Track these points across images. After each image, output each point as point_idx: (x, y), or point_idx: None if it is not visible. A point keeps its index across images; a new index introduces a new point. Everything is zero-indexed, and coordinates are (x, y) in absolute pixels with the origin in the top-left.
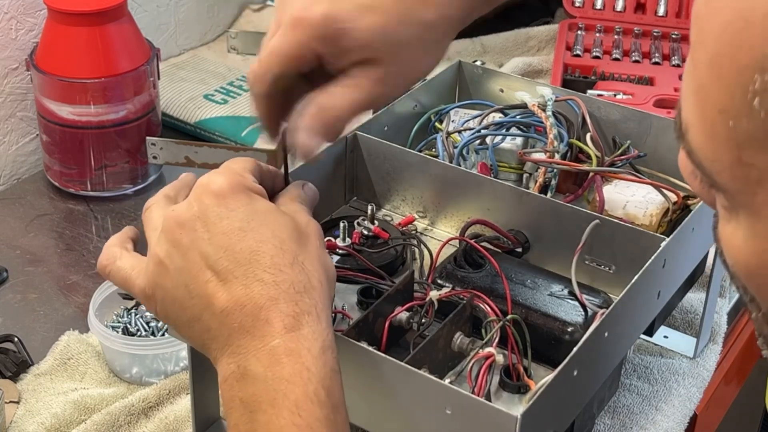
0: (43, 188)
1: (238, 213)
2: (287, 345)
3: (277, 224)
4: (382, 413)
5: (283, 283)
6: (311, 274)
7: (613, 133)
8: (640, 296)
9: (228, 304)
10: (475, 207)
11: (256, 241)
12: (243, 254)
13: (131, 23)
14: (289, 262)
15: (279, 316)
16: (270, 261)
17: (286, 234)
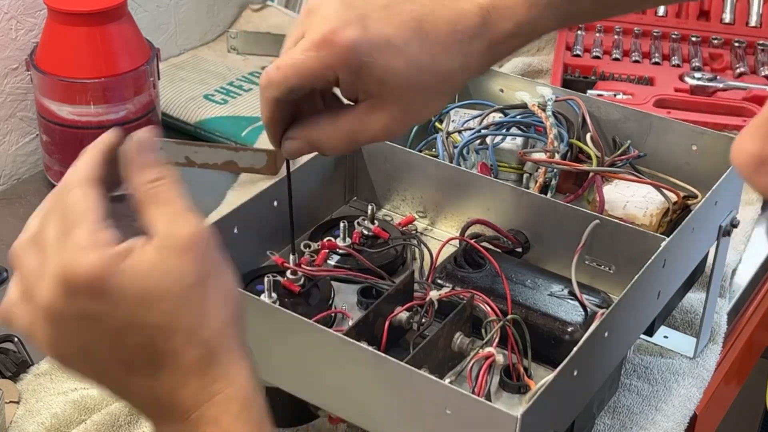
0: (43, 188)
1: (119, 306)
2: (206, 414)
3: (166, 295)
4: (382, 413)
5: (184, 366)
6: (212, 332)
7: (613, 133)
8: (640, 296)
9: (138, 402)
10: (475, 207)
11: (147, 335)
12: (136, 353)
13: (131, 23)
14: (184, 341)
15: (189, 395)
16: (166, 346)
17: (177, 303)
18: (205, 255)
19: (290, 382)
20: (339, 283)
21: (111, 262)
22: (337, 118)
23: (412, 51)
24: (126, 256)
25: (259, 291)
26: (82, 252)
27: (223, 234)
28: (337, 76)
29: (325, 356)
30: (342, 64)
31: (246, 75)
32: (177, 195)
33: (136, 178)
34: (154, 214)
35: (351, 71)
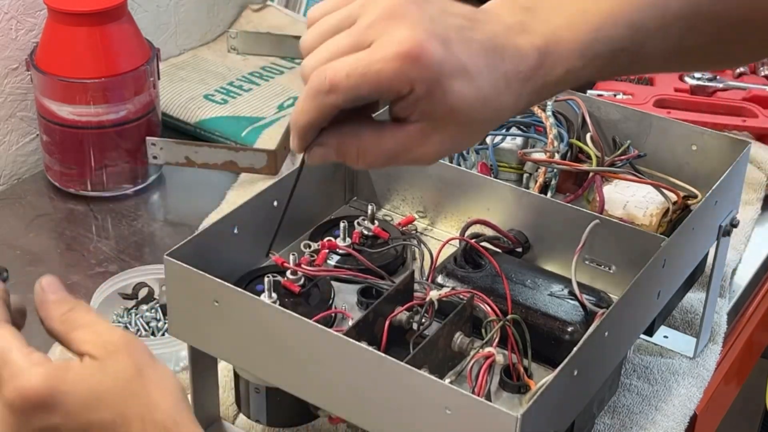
0: (43, 188)
1: (73, 413)
2: None
3: (111, 391)
4: (382, 413)
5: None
6: (164, 414)
7: (613, 133)
8: (640, 296)
9: None
10: (475, 207)
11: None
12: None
13: (131, 23)
14: (140, 428)
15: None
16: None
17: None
18: (137, 351)
19: (290, 382)
20: (339, 283)
21: (56, 374)
22: (382, 133)
23: (482, 83)
24: (67, 369)
25: (259, 291)
26: (27, 372)
27: (223, 234)
28: (411, 91)
29: (325, 356)
30: (422, 82)
31: (246, 75)
32: (95, 317)
33: (53, 312)
34: (79, 335)
35: (428, 90)
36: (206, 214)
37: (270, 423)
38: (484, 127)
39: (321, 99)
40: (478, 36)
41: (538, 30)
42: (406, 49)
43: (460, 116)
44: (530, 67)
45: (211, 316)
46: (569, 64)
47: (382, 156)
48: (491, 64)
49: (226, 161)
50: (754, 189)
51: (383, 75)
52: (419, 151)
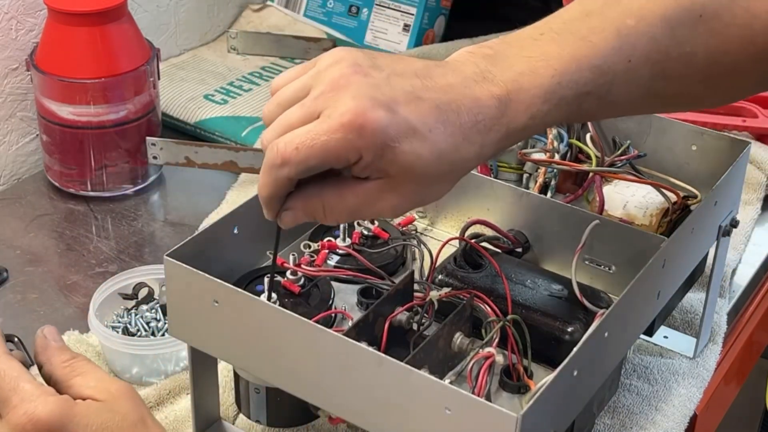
0: (43, 188)
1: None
2: None
3: None
4: (382, 413)
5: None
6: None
7: (613, 133)
8: (640, 296)
9: None
10: (475, 207)
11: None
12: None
13: (131, 23)
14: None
15: None
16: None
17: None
18: (138, 399)
19: (290, 382)
20: (339, 283)
21: (67, 405)
22: (343, 191)
23: (435, 139)
24: (76, 403)
25: (259, 291)
26: (38, 399)
27: (223, 234)
28: (360, 158)
29: (325, 356)
30: (369, 149)
31: (246, 75)
32: (96, 366)
33: (56, 358)
34: (82, 381)
35: (376, 155)
36: (206, 214)
37: (270, 423)
38: (445, 179)
39: (276, 173)
40: (429, 94)
41: (498, 78)
42: (348, 119)
43: (415, 173)
44: (490, 117)
45: (211, 316)
46: (533, 109)
47: (345, 212)
48: (444, 120)
49: (226, 161)
50: (754, 189)
51: (330, 146)
52: (380, 206)
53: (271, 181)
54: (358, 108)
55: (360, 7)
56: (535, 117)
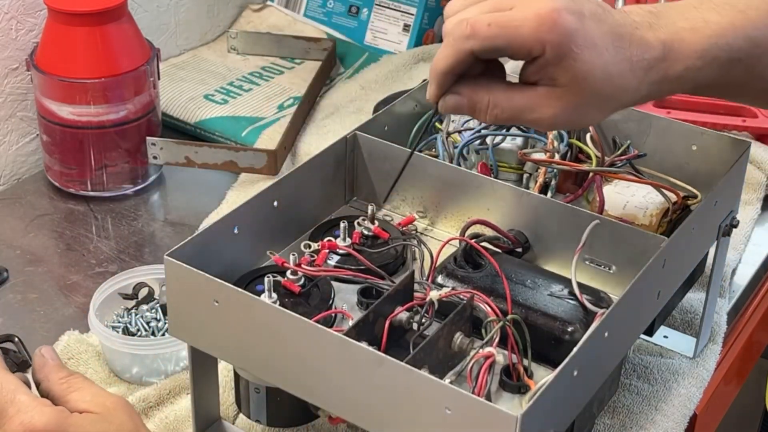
0: (44, 188)
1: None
2: None
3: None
4: (382, 413)
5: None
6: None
7: (613, 133)
8: (640, 296)
9: None
10: (475, 207)
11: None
12: None
13: (131, 23)
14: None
15: None
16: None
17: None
18: (132, 412)
19: (290, 382)
20: (339, 283)
21: (63, 416)
22: (513, 90)
23: (608, 59)
24: (72, 414)
25: (259, 291)
26: (34, 410)
27: (223, 234)
28: (543, 53)
29: (325, 356)
30: (553, 46)
31: (246, 75)
32: (91, 382)
33: (53, 375)
34: (78, 396)
35: (557, 55)
36: (206, 214)
37: (270, 423)
38: (605, 103)
39: (460, 44)
40: (609, 20)
41: (663, 28)
42: (545, 12)
43: (584, 86)
44: (654, 57)
45: (211, 316)
46: (689, 62)
47: (509, 110)
48: (618, 46)
49: (226, 161)
50: (754, 189)
51: (521, 31)
52: (542, 112)
53: (453, 53)
54: (555, 5)
55: (360, 7)
56: (690, 69)
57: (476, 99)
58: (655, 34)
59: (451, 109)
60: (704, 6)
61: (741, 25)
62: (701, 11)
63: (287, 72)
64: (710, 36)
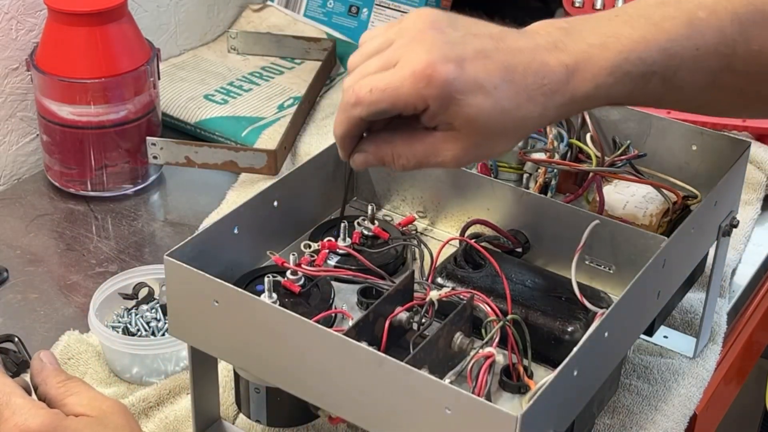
0: (44, 188)
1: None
2: None
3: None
4: (382, 413)
5: None
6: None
7: (613, 133)
8: (640, 296)
9: None
10: (475, 207)
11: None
12: None
13: (131, 23)
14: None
15: None
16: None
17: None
18: (129, 416)
19: (290, 382)
20: (339, 283)
21: (57, 418)
22: (413, 139)
23: (500, 96)
24: (67, 417)
25: (259, 291)
26: (28, 413)
27: (223, 234)
28: (427, 107)
29: (325, 356)
30: (434, 99)
31: (246, 75)
32: (88, 386)
33: (51, 379)
34: (75, 400)
35: (442, 105)
36: (206, 214)
37: (270, 423)
38: (507, 136)
39: (349, 112)
40: (499, 55)
41: (569, 48)
42: (419, 69)
43: (479, 126)
44: (556, 82)
45: (211, 316)
46: (598, 80)
47: (413, 159)
48: (510, 80)
49: (226, 161)
50: (754, 189)
51: (400, 92)
52: (446, 155)
53: (345, 120)
54: (429, 60)
55: (360, 7)
56: (600, 87)
57: (381, 154)
58: (557, 57)
59: (362, 165)
60: (618, 19)
61: (653, 38)
62: (614, 25)
63: (287, 72)
64: (620, 51)
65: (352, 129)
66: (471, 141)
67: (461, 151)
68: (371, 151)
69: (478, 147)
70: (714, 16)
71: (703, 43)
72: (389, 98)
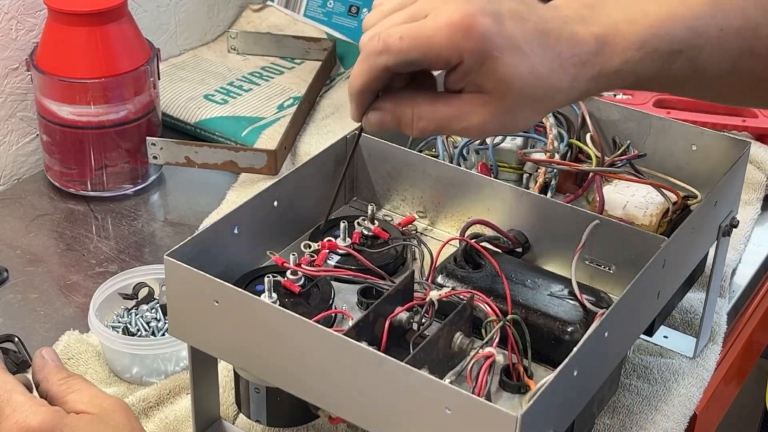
0: (44, 188)
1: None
2: None
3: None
4: (382, 413)
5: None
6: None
7: (613, 133)
8: (640, 296)
9: None
10: (475, 207)
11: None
12: None
13: (131, 23)
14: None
15: None
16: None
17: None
18: (129, 413)
19: (290, 382)
20: (339, 283)
21: (58, 415)
22: (437, 100)
23: (535, 60)
24: (68, 414)
25: (259, 291)
26: (29, 410)
27: (223, 234)
28: (461, 61)
29: (325, 356)
30: (471, 53)
31: (246, 75)
32: (90, 384)
33: (53, 376)
34: (76, 397)
35: (477, 61)
36: (206, 214)
37: (270, 423)
38: (537, 105)
39: (373, 60)
40: (534, 18)
41: (597, 21)
42: (457, 19)
43: (512, 90)
44: (587, 52)
45: (211, 316)
46: (627, 54)
47: (435, 121)
48: (544, 44)
49: (226, 161)
50: (754, 189)
51: (434, 41)
52: (470, 120)
53: (367, 69)
54: (468, 10)
55: (360, 7)
56: (629, 62)
57: (400, 113)
58: (587, 28)
59: (376, 125)
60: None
61: (681, 14)
62: (639, 2)
63: (287, 72)
64: (649, 26)
65: (374, 81)
66: (501, 106)
67: (489, 116)
68: (389, 109)
69: (506, 114)
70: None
71: (726, 23)
72: (422, 47)
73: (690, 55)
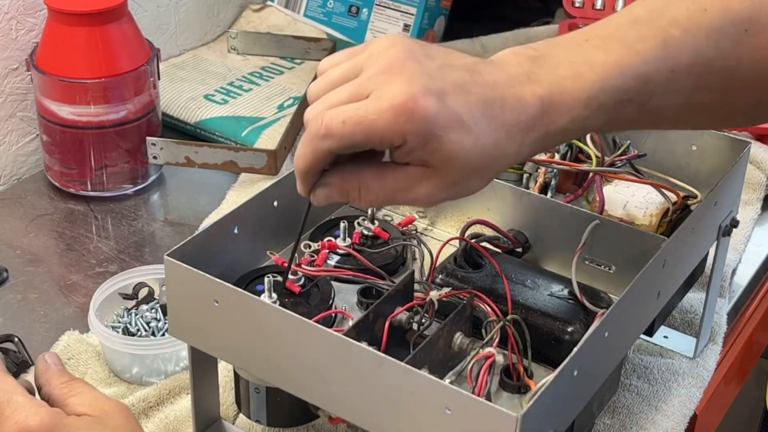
0: (44, 188)
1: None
2: None
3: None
4: (382, 413)
5: None
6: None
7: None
8: (640, 296)
9: None
10: (475, 207)
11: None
12: None
13: (131, 23)
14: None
15: None
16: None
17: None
18: (130, 416)
19: (290, 382)
20: (339, 283)
21: (58, 416)
22: (383, 173)
23: (479, 133)
24: (68, 416)
25: (259, 291)
26: (29, 411)
27: (223, 234)
28: (405, 142)
29: (325, 356)
30: (415, 134)
31: (246, 75)
32: (92, 387)
33: (55, 379)
34: (78, 400)
35: (421, 141)
36: (206, 214)
37: (270, 423)
38: (482, 174)
39: (317, 144)
40: (477, 89)
41: (542, 80)
42: (400, 102)
43: (457, 164)
44: (532, 116)
45: (211, 316)
46: (573, 113)
47: (383, 194)
48: (489, 115)
49: (226, 161)
50: (754, 189)
51: (377, 125)
52: (417, 192)
53: (311, 152)
54: (410, 92)
55: (360, 7)
56: (575, 120)
57: (347, 187)
58: (532, 89)
59: (324, 201)
60: (589, 44)
61: (629, 63)
62: (586, 50)
63: (287, 72)
64: (595, 81)
65: (317, 163)
66: (447, 179)
67: (435, 189)
68: (336, 185)
69: (453, 185)
70: (689, 33)
71: (677, 63)
72: (364, 131)
73: (639, 101)
